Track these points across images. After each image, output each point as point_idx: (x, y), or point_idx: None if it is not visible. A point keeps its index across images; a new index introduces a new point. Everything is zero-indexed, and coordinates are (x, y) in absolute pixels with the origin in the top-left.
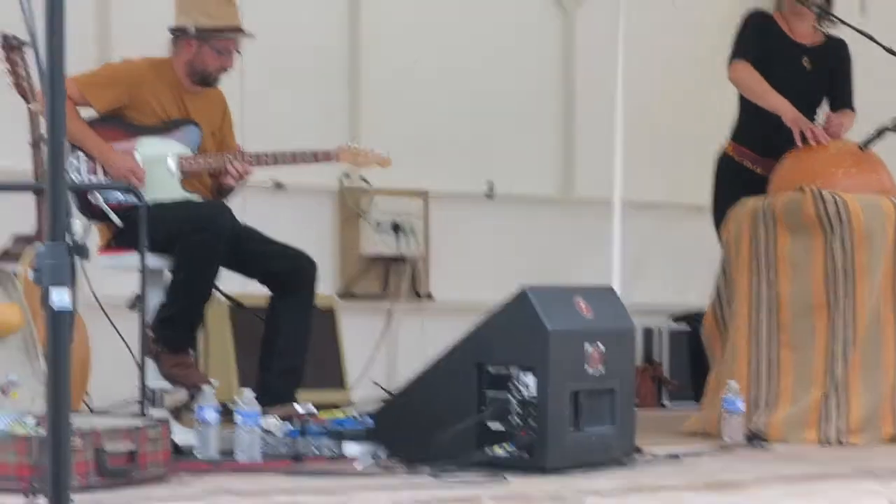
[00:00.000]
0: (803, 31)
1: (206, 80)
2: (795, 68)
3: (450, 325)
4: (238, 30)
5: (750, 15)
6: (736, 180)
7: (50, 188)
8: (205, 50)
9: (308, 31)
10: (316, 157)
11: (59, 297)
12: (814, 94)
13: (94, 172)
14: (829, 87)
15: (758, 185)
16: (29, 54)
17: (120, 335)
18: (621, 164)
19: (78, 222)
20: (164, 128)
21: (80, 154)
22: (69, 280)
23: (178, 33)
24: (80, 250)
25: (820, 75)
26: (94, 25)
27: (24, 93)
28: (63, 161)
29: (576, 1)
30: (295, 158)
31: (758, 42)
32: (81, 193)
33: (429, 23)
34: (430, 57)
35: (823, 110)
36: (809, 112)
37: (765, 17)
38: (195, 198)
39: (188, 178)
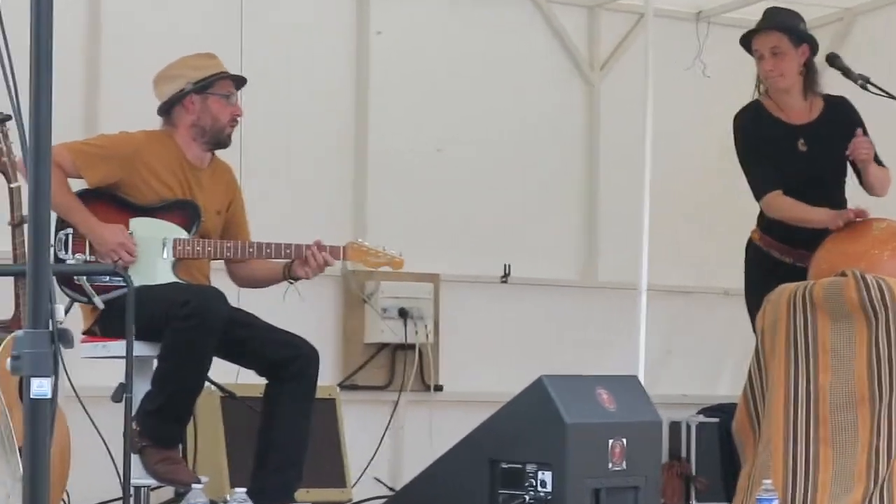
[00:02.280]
0: (796, 107)
1: (219, 138)
2: (792, 153)
3: (460, 419)
4: (234, 75)
5: (736, 118)
6: (767, 267)
7: (31, 270)
8: (210, 101)
9: (312, 102)
10: (326, 252)
11: (40, 387)
12: (814, 172)
13: (82, 248)
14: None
15: (791, 273)
16: (11, 129)
17: (98, 432)
18: (647, 246)
19: (61, 308)
20: (161, 207)
21: (67, 228)
22: (51, 370)
23: (174, 101)
24: (64, 338)
25: (819, 152)
26: (81, 98)
27: (5, 170)
28: (47, 243)
29: (600, 72)
30: (301, 253)
31: (769, 158)
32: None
33: (442, 94)
34: (442, 130)
35: (829, 186)
36: (816, 190)
37: (753, 112)
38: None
39: (183, 262)
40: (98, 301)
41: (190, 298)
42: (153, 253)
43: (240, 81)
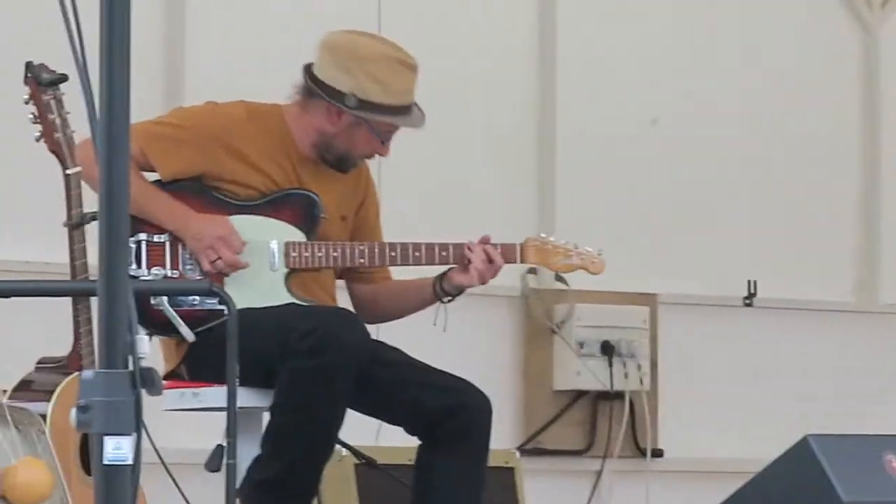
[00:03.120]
0: None
1: (340, 164)
2: None
3: (688, 495)
4: (411, 121)
5: None
6: None
7: (104, 287)
8: (360, 131)
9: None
10: (496, 253)
11: (117, 449)
12: None
13: (160, 259)
14: None
15: None
16: (67, 94)
17: None
18: None
19: (145, 339)
20: (265, 202)
21: (138, 234)
22: (132, 426)
23: (327, 94)
24: (150, 382)
25: None
26: (160, 63)
27: (58, 149)
28: (125, 248)
29: (881, 12)
30: (461, 255)
31: None
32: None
33: (656, 54)
34: (655, 101)
35: None
36: None
37: None
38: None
39: (299, 275)
40: (186, 332)
41: (315, 325)
42: (259, 263)
43: (412, 125)
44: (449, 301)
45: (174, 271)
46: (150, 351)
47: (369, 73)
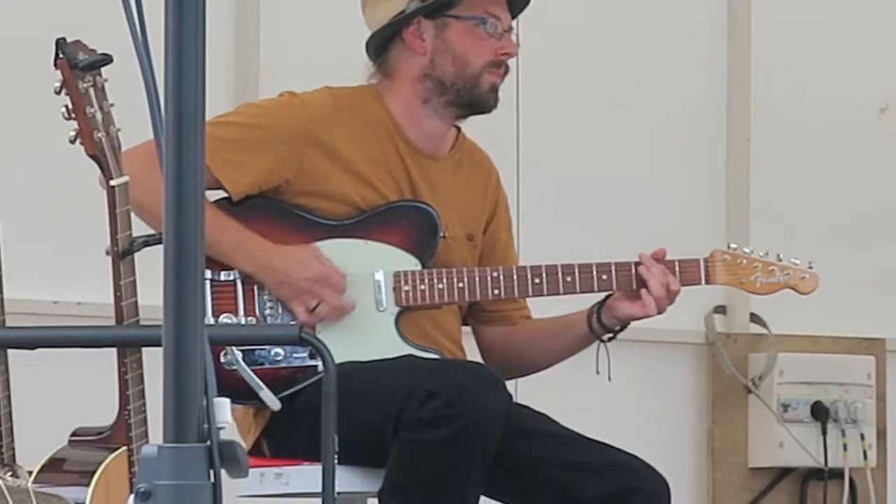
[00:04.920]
0: None
1: (471, 96)
2: None
3: None
4: None
5: None
6: None
7: (171, 336)
8: (452, 32)
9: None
10: (672, 274)
11: None
12: None
13: (231, 304)
14: None
15: None
16: (112, 80)
17: None
18: None
19: (227, 404)
20: (365, 221)
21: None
22: None
23: (390, 33)
24: (232, 460)
25: None
26: (229, 52)
27: (99, 155)
28: (199, 281)
29: None
30: (629, 277)
31: None
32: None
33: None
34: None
35: None
36: None
37: None
38: (431, 356)
39: (413, 316)
40: (269, 397)
41: (440, 385)
42: (361, 302)
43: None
44: (610, 339)
45: (250, 318)
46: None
47: None
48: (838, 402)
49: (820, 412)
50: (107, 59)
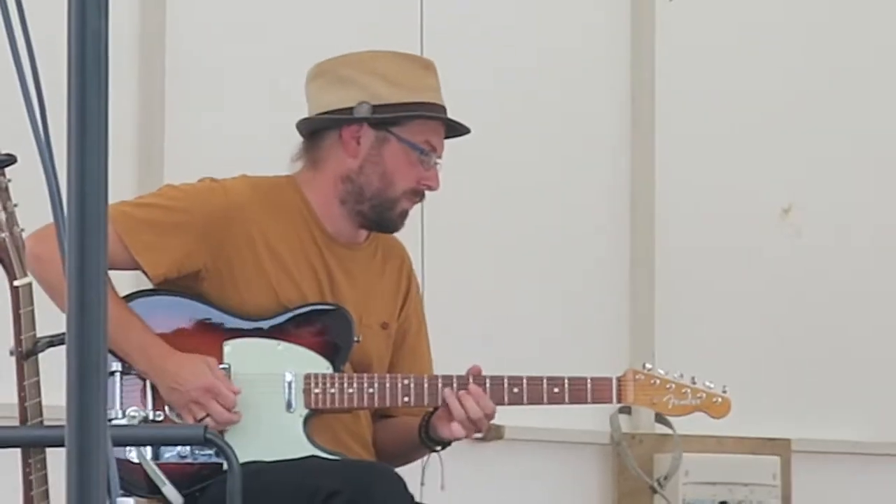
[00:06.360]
0: None
1: (383, 216)
2: None
3: None
4: (450, 119)
5: None
6: None
7: (74, 436)
8: (389, 150)
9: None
10: (586, 395)
11: None
12: None
13: (140, 398)
14: None
15: None
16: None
17: None
18: None
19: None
20: (281, 321)
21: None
22: None
23: (330, 125)
24: None
25: None
26: (132, 125)
27: (3, 255)
28: (103, 382)
29: None
30: (557, 395)
31: None
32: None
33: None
34: (786, 176)
35: None
36: None
37: None
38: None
39: (322, 418)
40: (172, 493)
41: (342, 485)
42: (270, 403)
43: (454, 129)
44: (441, 450)
45: (157, 413)
46: None
47: (375, 71)
48: (743, 502)
49: None
50: (10, 160)
